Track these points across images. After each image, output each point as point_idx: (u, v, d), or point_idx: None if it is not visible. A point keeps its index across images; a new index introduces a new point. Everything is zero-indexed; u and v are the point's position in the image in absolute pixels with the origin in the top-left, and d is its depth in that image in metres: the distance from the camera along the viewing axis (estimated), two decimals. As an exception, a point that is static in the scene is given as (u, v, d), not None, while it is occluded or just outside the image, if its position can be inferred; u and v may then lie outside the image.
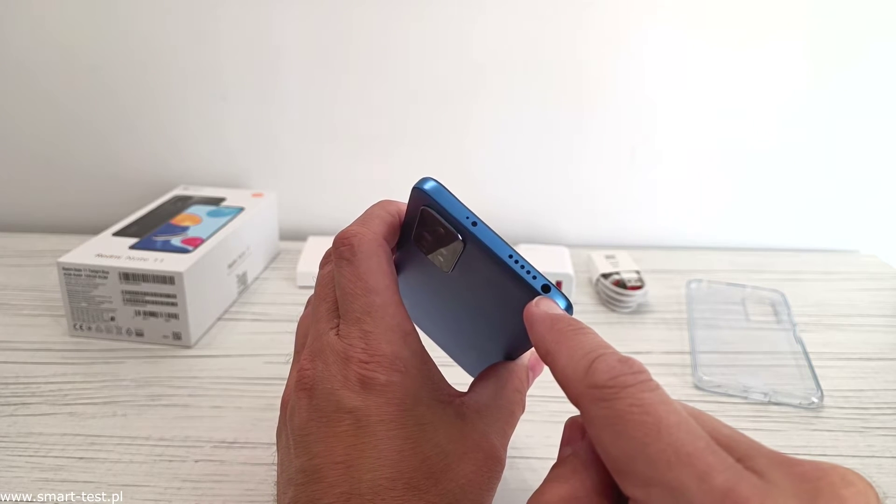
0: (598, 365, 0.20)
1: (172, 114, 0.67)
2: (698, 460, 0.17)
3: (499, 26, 0.63)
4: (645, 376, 0.19)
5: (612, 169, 0.69)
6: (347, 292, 0.26)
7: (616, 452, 0.18)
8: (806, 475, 0.17)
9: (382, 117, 0.67)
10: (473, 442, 0.26)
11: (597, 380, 0.19)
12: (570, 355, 0.21)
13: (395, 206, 0.29)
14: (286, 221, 0.70)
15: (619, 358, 0.20)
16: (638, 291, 0.55)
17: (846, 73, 0.64)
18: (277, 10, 0.62)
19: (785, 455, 0.18)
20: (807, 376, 0.46)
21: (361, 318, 0.26)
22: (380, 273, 0.26)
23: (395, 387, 0.25)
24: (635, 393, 0.18)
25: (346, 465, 0.24)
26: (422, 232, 0.27)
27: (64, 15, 0.62)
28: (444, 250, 0.26)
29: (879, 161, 0.68)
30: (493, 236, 0.25)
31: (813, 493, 0.16)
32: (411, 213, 0.27)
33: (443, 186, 0.25)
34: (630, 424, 0.18)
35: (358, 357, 0.25)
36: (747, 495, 0.16)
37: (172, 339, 0.48)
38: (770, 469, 0.17)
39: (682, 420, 0.18)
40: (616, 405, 0.18)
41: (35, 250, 0.63)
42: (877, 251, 0.71)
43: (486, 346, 0.30)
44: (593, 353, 0.20)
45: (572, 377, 0.20)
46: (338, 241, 0.27)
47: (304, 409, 0.25)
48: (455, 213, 0.25)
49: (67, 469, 0.36)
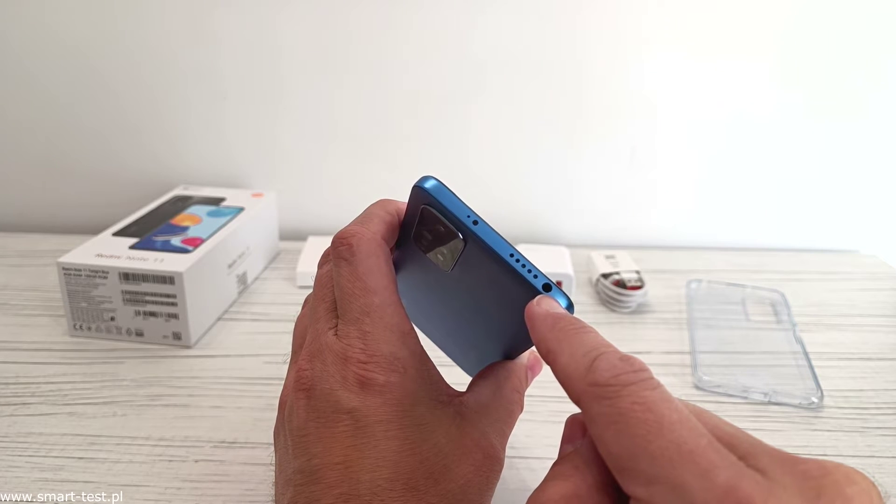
0: (600, 363, 0.20)
1: (172, 114, 0.67)
2: (701, 458, 0.17)
3: (499, 26, 0.63)
4: (646, 374, 0.19)
5: (612, 169, 0.69)
6: (346, 292, 0.26)
7: (618, 450, 0.18)
8: (809, 473, 0.17)
9: (382, 117, 0.67)
10: (472, 442, 0.26)
11: (598, 378, 0.19)
12: (571, 353, 0.21)
13: (395, 205, 0.29)
14: (286, 221, 0.70)
15: (621, 356, 0.20)
16: (638, 291, 0.55)
17: (846, 72, 0.64)
18: (278, 10, 0.62)
19: (788, 453, 0.18)
20: (807, 376, 0.46)
21: (360, 319, 0.25)
22: (378, 273, 0.26)
23: (393, 387, 0.25)
24: (637, 391, 0.18)
25: (345, 465, 0.24)
26: (422, 231, 0.27)
27: (64, 15, 0.62)
28: (444, 249, 0.26)
29: (879, 161, 0.68)
30: (494, 235, 0.24)
31: (816, 490, 0.16)
32: (411, 211, 0.27)
33: (443, 185, 0.25)
34: (632, 422, 0.18)
35: (356, 357, 0.25)
36: (750, 493, 0.16)
37: (172, 339, 0.48)
38: (773, 467, 0.17)
39: (683, 418, 0.18)
40: (618, 403, 0.18)
41: (35, 250, 0.63)
42: (877, 251, 0.71)
43: (485, 346, 0.30)
44: (595, 351, 0.20)
45: (574, 375, 0.20)
46: (336, 240, 0.27)
47: (303, 409, 0.25)
48: (456, 212, 0.25)
49: (67, 469, 0.36)
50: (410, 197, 0.27)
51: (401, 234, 0.28)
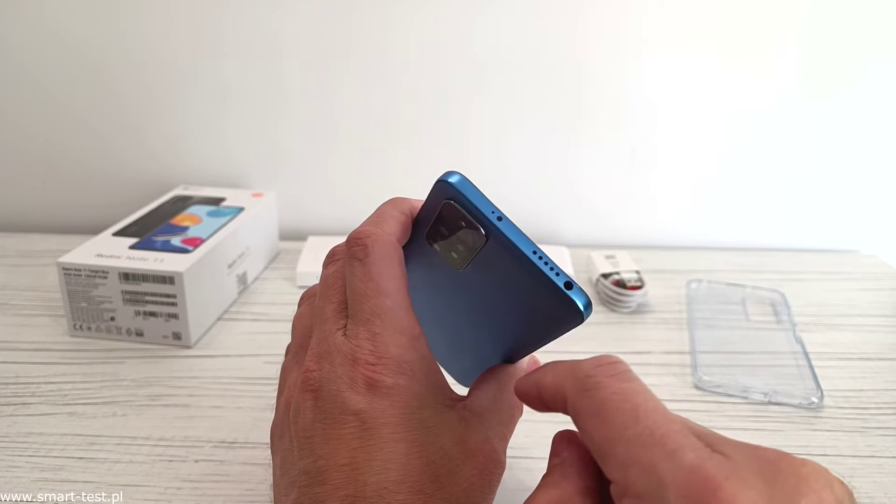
0: (581, 364, 0.22)
1: (172, 114, 0.67)
2: (671, 440, 0.18)
3: (499, 26, 0.63)
4: (623, 367, 0.21)
5: (612, 169, 0.69)
6: (358, 293, 0.26)
7: (599, 438, 0.20)
8: (768, 457, 0.19)
9: (382, 117, 0.67)
10: (476, 445, 0.26)
11: (580, 373, 0.22)
12: (555, 371, 0.23)
13: (408, 203, 0.28)
14: (286, 221, 0.70)
15: (600, 357, 0.22)
16: (638, 291, 0.55)
17: (846, 72, 0.64)
18: (277, 10, 0.62)
19: (749, 443, 0.19)
20: (807, 376, 0.46)
21: (371, 320, 0.25)
22: (391, 275, 0.26)
23: (401, 390, 0.25)
24: (616, 383, 0.21)
25: (351, 467, 0.23)
26: (439, 227, 0.26)
27: (64, 15, 0.62)
28: (460, 246, 0.26)
29: (879, 161, 0.68)
30: (518, 232, 0.24)
31: (773, 472, 0.18)
32: (429, 207, 0.27)
33: (468, 180, 0.25)
34: (611, 411, 0.20)
35: (365, 359, 0.25)
36: (714, 472, 0.17)
37: (172, 339, 0.48)
38: (735, 452, 0.19)
39: (658, 407, 0.20)
40: (599, 395, 0.21)
41: (35, 250, 0.63)
42: (877, 251, 0.71)
43: (483, 349, 0.30)
44: (575, 361, 0.23)
45: (559, 380, 0.22)
46: (351, 240, 0.27)
47: (310, 410, 0.25)
48: (481, 207, 0.25)
49: (67, 469, 0.36)
50: (432, 192, 0.26)
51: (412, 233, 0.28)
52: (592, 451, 0.21)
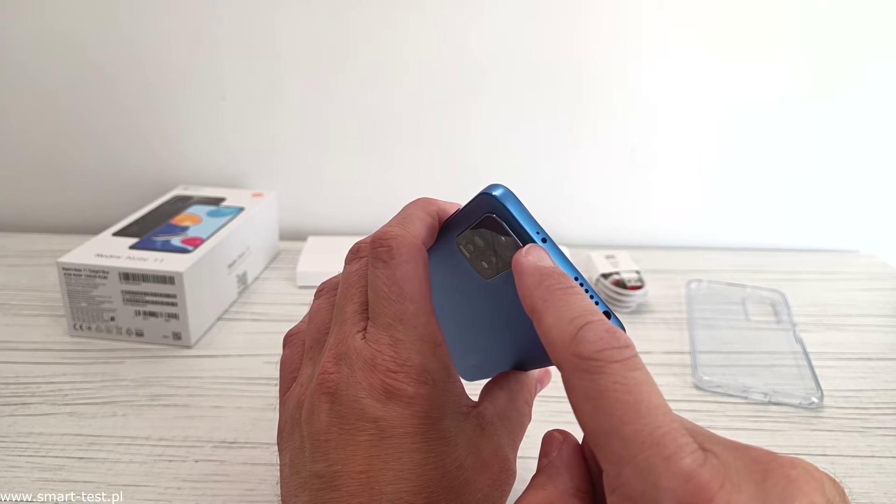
0: (586, 333, 0.20)
1: (172, 114, 0.67)
2: (670, 442, 0.18)
3: (499, 26, 0.63)
4: (631, 352, 0.19)
5: (611, 169, 0.69)
6: (381, 295, 0.25)
7: (593, 426, 0.19)
8: (758, 458, 0.18)
9: (382, 117, 0.67)
10: (490, 455, 0.26)
11: (582, 350, 0.19)
12: (557, 316, 0.21)
13: (435, 205, 0.28)
14: (286, 221, 0.70)
15: (608, 328, 0.20)
16: (638, 291, 0.55)
17: (846, 72, 0.64)
18: (277, 10, 0.62)
19: (739, 442, 0.19)
20: (807, 376, 0.46)
21: (393, 325, 0.25)
22: (416, 280, 0.25)
23: (422, 399, 0.24)
24: (620, 370, 0.19)
25: (367, 475, 0.23)
26: (474, 237, 0.26)
27: (64, 15, 0.62)
28: (493, 258, 0.25)
29: (879, 161, 0.68)
30: (562, 256, 0.24)
31: (763, 473, 0.18)
32: (466, 214, 0.26)
33: (513, 194, 0.25)
34: (611, 401, 0.18)
35: (386, 365, 0.24)
36: (708, 478, 0.17)
37: (172, 339, 0.48)
38: (726, 453, 0.18)
39: (661, 403, 0.19)
40: (599, 380, 0.19)
41: (35, 250, 0.63)
42: (877, 251, 0.71)
43: (495, 353, 0.30)
44: (581, 318, 0.20)
45: (558, 341, 0.20)
46: (376, 240, 0.26)
47: (325, 413, 0.24)
48: (526, 226, 0.24)
49: (67, 469, 0.36)
50: (474, 202, 0.26)
51: (438, 234, 0.28)
52: (584, 432, 0.20)
